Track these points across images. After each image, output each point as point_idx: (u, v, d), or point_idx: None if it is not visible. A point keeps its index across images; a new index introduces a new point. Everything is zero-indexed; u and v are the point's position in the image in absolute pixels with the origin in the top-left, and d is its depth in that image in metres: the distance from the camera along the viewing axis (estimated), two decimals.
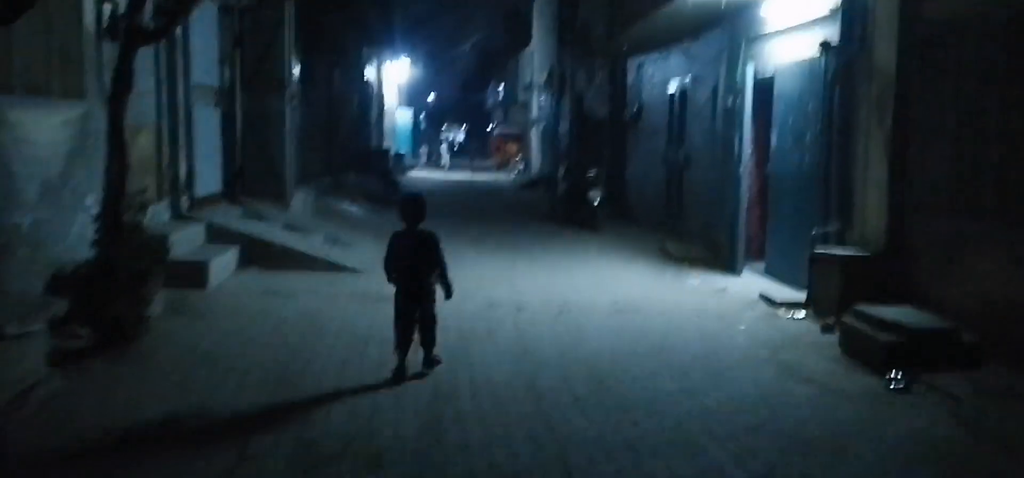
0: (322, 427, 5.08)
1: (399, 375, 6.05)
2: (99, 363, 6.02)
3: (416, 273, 6.22)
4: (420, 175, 34.76)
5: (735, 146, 11.32)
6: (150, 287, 6.48)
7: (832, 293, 8.13)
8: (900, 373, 6.30)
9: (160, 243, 6.73)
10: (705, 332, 7.78)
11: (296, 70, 16.03)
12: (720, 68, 12.36)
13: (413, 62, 37.82)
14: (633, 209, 17.73)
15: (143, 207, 6.44)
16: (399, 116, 37.39)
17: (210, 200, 10.95)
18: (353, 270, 10.28)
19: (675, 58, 15.00)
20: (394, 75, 34.94)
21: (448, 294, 6.39)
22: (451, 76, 54.82)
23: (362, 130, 26.66)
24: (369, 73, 29.09)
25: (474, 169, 41.03)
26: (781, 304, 8.77)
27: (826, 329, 7.77)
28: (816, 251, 8.56)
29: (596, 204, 15.70)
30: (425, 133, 52.07)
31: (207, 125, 10.84)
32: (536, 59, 34.07)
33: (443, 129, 61.08)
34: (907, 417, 5.59)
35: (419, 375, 6.19)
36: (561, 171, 20.07)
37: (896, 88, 8.09)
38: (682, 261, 11.83)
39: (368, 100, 28.09)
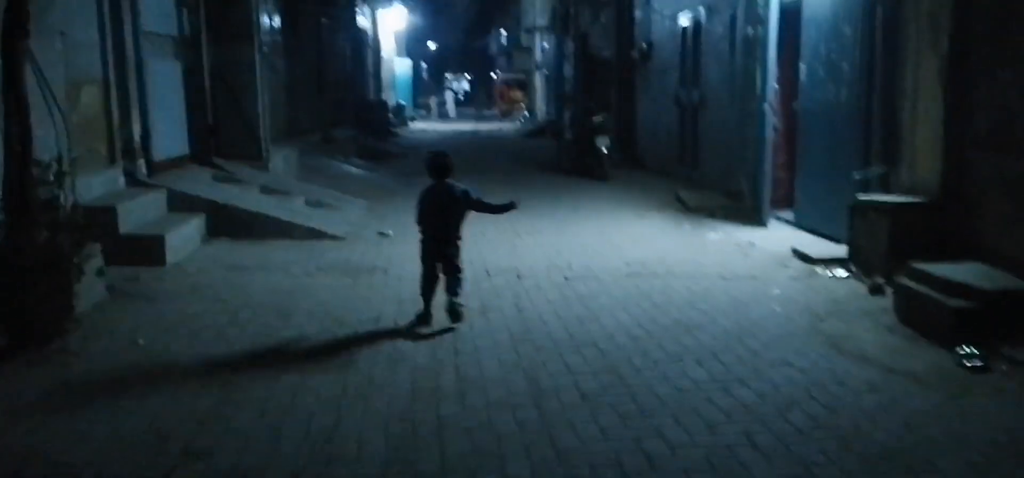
0: (268, 450, 4.04)
1: (423, 319, 6.08)
2: (8, 369, 5.01)
3: (444, 225, 6.25)
4: (422, 127, 33.60)
5: (758, 81, 10.15)
6: (73, 272, 5.43)
7: (879, 247, 7.03)
8: (974, 347, 5.23)
9: (89, 218, 5.68)
10: (735, 299, 6.70)
11: (275, 19, 14.87)
12: None
13: (410, 9, 36.42)
14: (643, 155, 16.58)
15: (61, 177, 5.36)
16: (398, 66, 36.09)
17: (175, 163, 9.88)
18: (336, 237, 9.22)
19: None
20: (390, 23, 33.59)
21: (501, 209, 6.43)
22: (452, 22, 53.30)
23: (357, 82, 25.47)
24: (363, 21, 27.82)
25: (478, 118, 39.81)
26: (818, 261, 7.68)
27: (875, 290, 6.68)
28: (858, 198, 7.44)
29: (604, 151, 14.55)
30: (427, 83, 50.78)
31: (166, 79, 9.71)
32: (537, 1, 32.67)
33: (447, 78, 59.82)
34: (995, 408, 4.52)
35: (448, 330, 5.94)
36: (567, 117, 18.90)
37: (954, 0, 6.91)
38: (700, 212, 10.72)
39: (362, 50, 26.85)
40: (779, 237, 8.99)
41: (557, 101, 24.49)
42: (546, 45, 30.55)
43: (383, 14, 31.79)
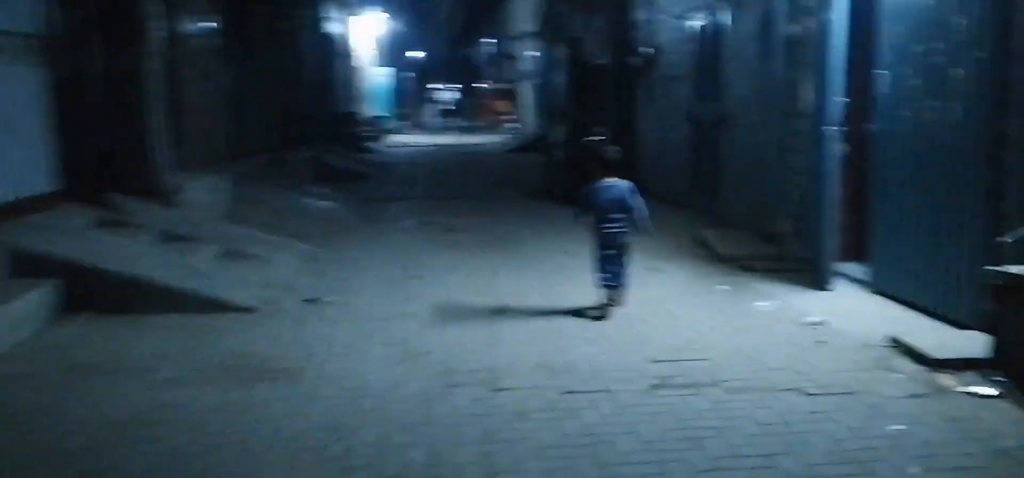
0: None
1: (604, 311, 6.39)
2: None
3: (618, 219, 6.38)
4: (402, 140, 30.88)
5: (808, 95, 7.59)
6: None
7: None
8: None
9: None
10: (839, 445, 4.07)
11: (210, 20, 12.24)
12: None
13: (391, 16, 33.78)
14: (647, 180, 13.90)
15: None
16: (377, 75, 33.41)
17: (39, 204, 7.24)
18: (245, 309, 6.57)
19: None
20: (368, 30, 30.96)
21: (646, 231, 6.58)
22: (438, 31, 50.63)
23: (327, 94, 22.81)
24: (334, 27, 25.19)
25: (463, 131, 37.15)
26: (942, 363, 5.05)
27: None
28: (1009, 273, 4.85)
29: None
30: (412, 93, 48.09)
31: (15, 93, 7.06)
32: (525, 5, 30.10)
33: (435, 89, 57.09)
34: None
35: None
36: (559, 134, 16.33)
37: None
38: (733, 263, 8.11)
39: (332, 58, 24.18)
40: (856, 309, 6.40)
41: (546, 114, 21.93)
42: (534, 53, 28.00)
43: (358, 20, 29.18)
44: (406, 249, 9.35)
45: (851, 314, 6.25)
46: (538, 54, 26.44)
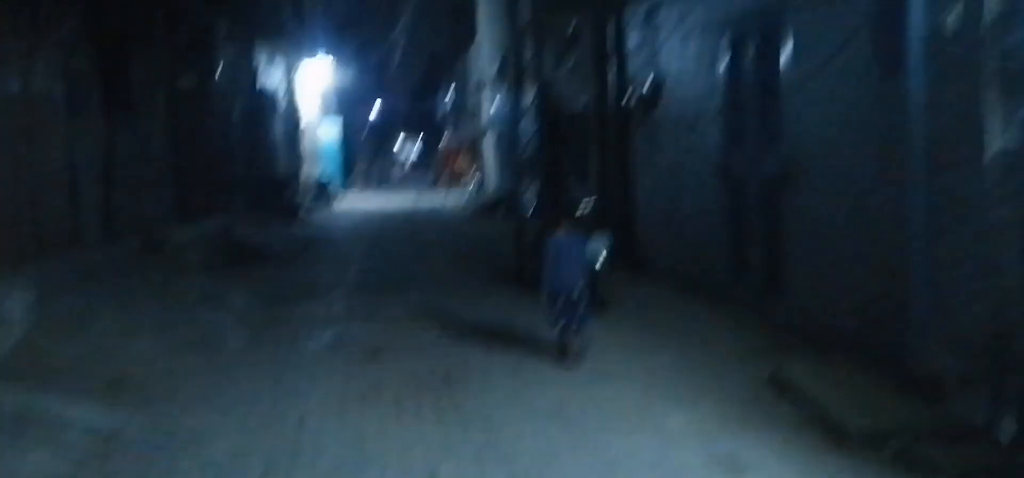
0: None
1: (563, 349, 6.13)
2: None
3: (578, 274, 6.10)
4: (352, 203, 26.71)
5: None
6: None
7: None
8: None
9: None
10: None
11: (37, 68, 8.35)
12: None
13: (340, 64, 29.92)
14: (651, 255, 10.14)
15: None
16: (325, 130, 29.43)
17: None
18: None
19: None
20: (314, 82, 27.05)
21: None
22: (396, 82, 46.87)
23: (255, 155, 18.85)
24: (271, 80, 21.35)
25: (422, 190, 33.20)
26: None
27: None
28: None
29: (600, 263, 7.96)
30: (368, 150, 44.16)
31: None
32: (485, 51, 26.49)
33: (393, 144, 53.26)
34: None
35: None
36: (530, 197, 12.48)
37: None
38: (877, 447, 4.26)
39: (264, 115, 20.25)
40: None
41: (512, 169, 18.14)
42: (497, 101, 24.28)
43: (305, 66, 25.30)
44: (290, 407, 5.41)
45: None
46: (502, 102, 22.76)
